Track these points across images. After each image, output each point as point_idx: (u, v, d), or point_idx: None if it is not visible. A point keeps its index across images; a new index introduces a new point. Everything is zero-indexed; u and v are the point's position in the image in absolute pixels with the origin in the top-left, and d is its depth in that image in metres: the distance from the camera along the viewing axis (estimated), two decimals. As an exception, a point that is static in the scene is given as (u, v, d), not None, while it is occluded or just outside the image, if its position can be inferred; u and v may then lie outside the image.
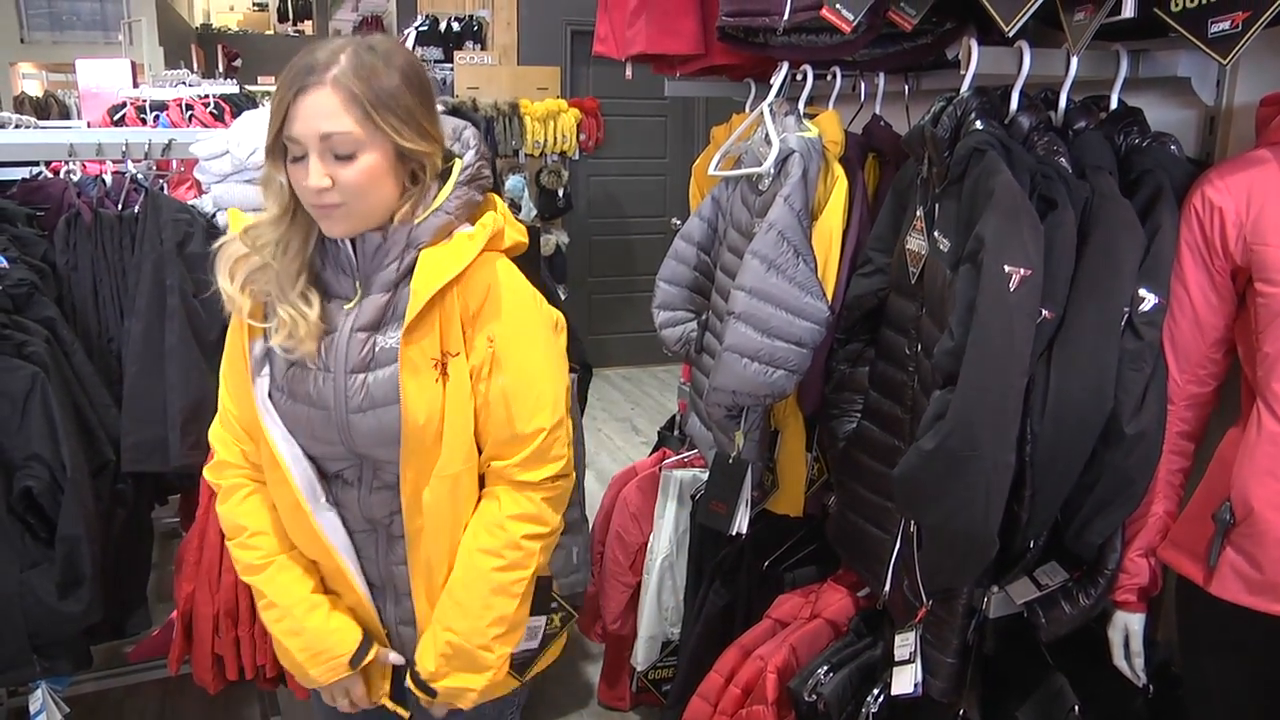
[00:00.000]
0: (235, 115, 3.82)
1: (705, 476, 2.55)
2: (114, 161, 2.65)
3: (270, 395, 1.42)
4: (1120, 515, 1.50)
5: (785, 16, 1.84)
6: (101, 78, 3.98)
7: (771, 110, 1.94)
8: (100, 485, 2.11)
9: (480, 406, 1.39)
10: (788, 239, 1.76)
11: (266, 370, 1.43)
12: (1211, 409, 1.54)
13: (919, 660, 1.58)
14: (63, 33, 10.72)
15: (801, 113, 1.94)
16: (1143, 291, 1.46)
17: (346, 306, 1.39)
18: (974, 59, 1.52)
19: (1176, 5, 1.39)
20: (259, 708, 2.90)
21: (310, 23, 18.13)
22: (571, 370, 1.56)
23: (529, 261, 1.52)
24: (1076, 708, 1.59)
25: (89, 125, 3.85)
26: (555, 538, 1.49)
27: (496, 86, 5.27)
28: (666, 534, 2.60)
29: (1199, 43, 1.38)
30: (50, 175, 2.56)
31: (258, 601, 1.51)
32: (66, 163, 2.76)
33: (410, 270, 1.35)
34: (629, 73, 2.64)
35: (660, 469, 2.65)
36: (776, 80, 1.99)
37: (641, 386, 6.52)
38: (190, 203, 2.31)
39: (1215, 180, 1.46)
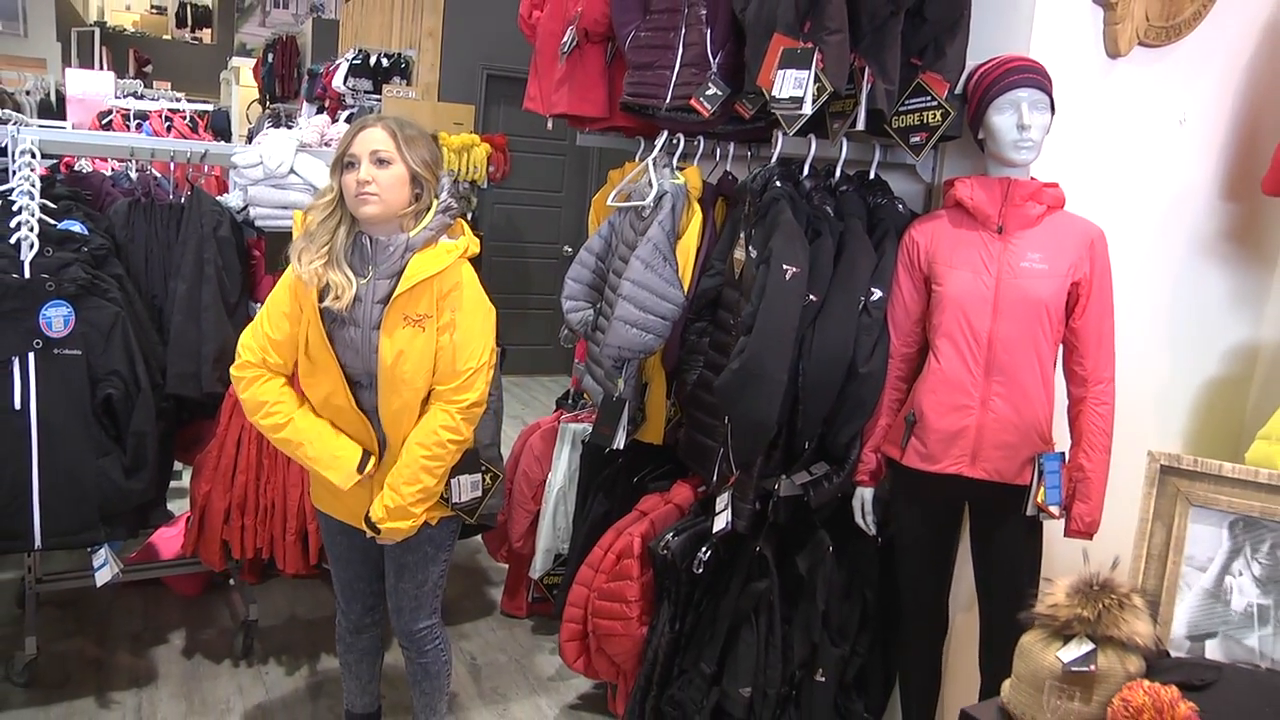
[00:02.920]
0: (208, 128, 4.55)
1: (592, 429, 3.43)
2: (119, 160, 3.44)
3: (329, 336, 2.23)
4: (858, 424, 2.45)
5: (667, 101, 2.77)
6: (87, 86, 4.64)
7: (654, 162, 2.85)
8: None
9: (439, 351, 2.22)
10: (660, 249, 2.66)
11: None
12: (917, 362, 2.49)
13: (729, 509, 2.49)
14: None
15: (674, 166, 2.86)
16: (874, 289, 2.42)
17: (361, 281, 2.19)
18: (779, 144, 2.48)
19: (893, 125, 2.37)
20: (228, 610, 3.63)
21: (210, 31, 18.31)
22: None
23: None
24: (830, 548, 2.53)
25: (74, 127, 4.50)
26: (467, 443, 2.30)
27: (419, 119, 6.01)
28: (562, 470, 3.45)
29: (904, 146, 2.37)
30: (92, 170, 3.31)
31: (286, 448, 2.29)
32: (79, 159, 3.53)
33: (405, 265, 2.18)
34: (549, 125, 3.52)
35: (559, 422, 3.51)
36: (659, 142, 2.91)
37: (530, 391, 7.36)
38: (218, 198, 3.07)
39: (916, 226, 2.44)
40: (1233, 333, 2.99)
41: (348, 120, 6.33)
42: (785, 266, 2.25)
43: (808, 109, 2.18)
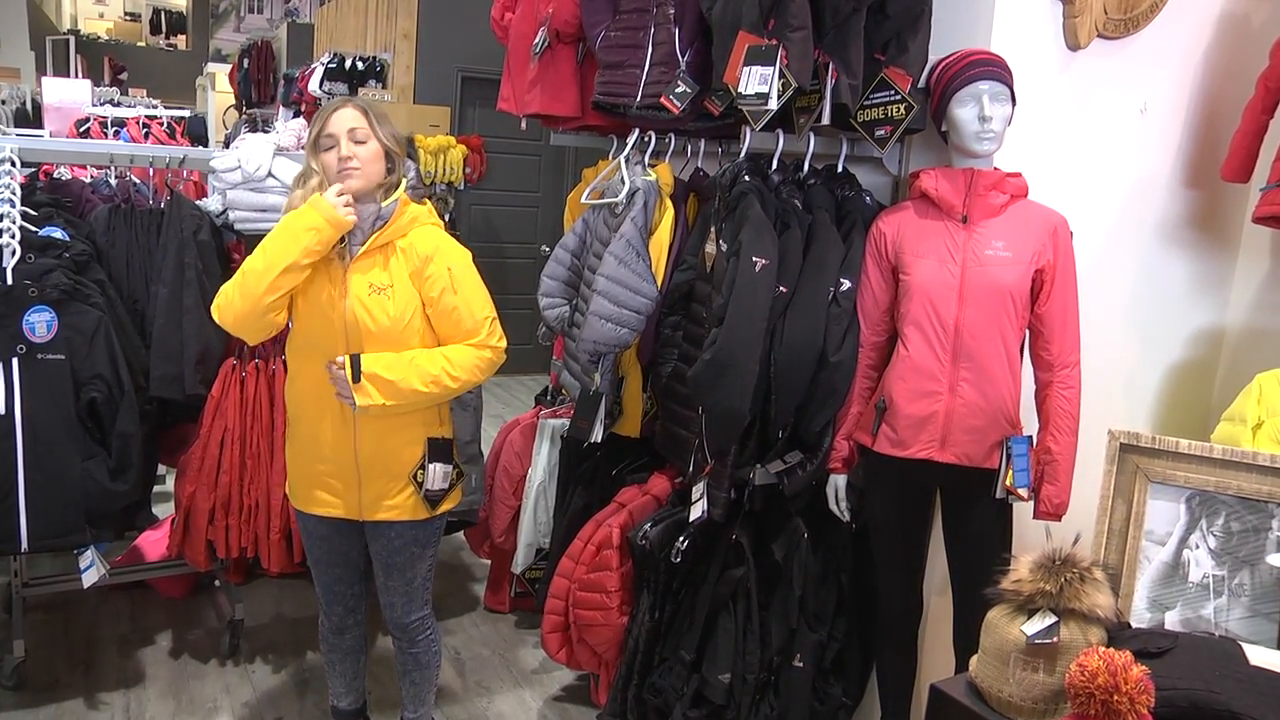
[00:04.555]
0: (185, 134, 4.57)
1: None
2: (97, 167, 3.47)
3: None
4: (830, 412, 2.50)
5: (637, 99, 2.82)
6: (64, 94, 4.65)
7: (626, 160, 2.90)
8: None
9: (451, 311, 2.31)
10: (632, 245, 2.71)
11: None
12: (887, 351, 2.54)
13: (705, 498, 2.54)
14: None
15: (646, 163, 2.91)
16: (843, 279, 2.47)
17: (340, 246, 2.30)
18: (748, 139, 2.53)
19: (858, 119, 2.42)
20: (213, 611, 3.66)
21: (184, 37, 18.25)
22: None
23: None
24: (805, 534, 2.58)
25: (51, 135, 4.51)
26: (470, 382, 2.33)
27: (394, 122, 6.08)
28: (542, 466, 3.49)
29: (870, 139, 2.42)
30: (71, 177, 3.33)
31: (259, 269, 2.22)
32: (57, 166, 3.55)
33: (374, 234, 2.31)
34: (523, 125, 3.56)
35: (538, 418, 3.55)
36: (631, 140, 2.96)
37: (511, 391, 7.39)
38: (197, 202, 3.10)
39: (883, 217, 2.49)
40: (1198, 317, 3.06)
41: (325, 124, 6.35)
42: (755, 259, 2.31)
43: (773, 105, 2.23)
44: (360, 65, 6.35)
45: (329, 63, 6.33)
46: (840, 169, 2.66)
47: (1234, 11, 2.86)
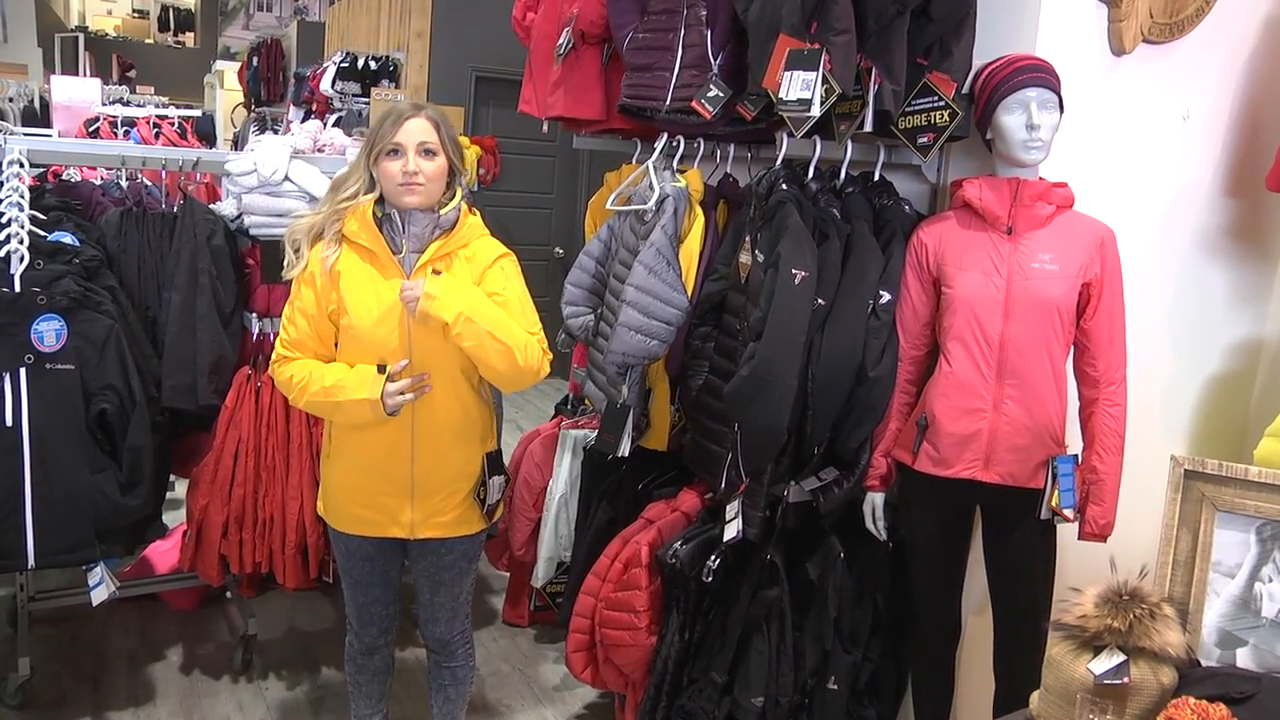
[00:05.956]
0: (196, 133, 4.49)
1: (594, 435, 3.40)
2: (108, 169, 3.38)
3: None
4: (868, 428, 2.41)
5: (667, 103, 2.73)
6: (73, 92, 4.57)
7: (654, 165, 2.81)
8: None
9: (503, 307, 2.26)
10: (662, 254, 2.62)
11: None
12: (926, 365, 2.45)
13: (740, 517, 2.45)
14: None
15: (675, 168, 2.82)
16: (882, 292, 2.38)
17: (398, 255, 2.23)
18: (784, 146, 2.44)
19: (900, 125, 2.33)
20: (225, 624, 3.58)
21: (192, 35, 18.16)
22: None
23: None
24: (842, 554, 2.49)
25: (60, 135, 4.43)
26: (522, 354, 2.21)
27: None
28: (563, 477, 3.41)
29: (912, 147, 2.34)
30: (81, 179, 3.25)
31: (315, 399, 2.22)
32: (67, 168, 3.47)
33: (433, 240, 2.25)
34: (545, 128, 3.48)
35: (560, 429, 3.47)
36: (659, 144, 2.86)
37: (525, 396, 7.29)
38: (211, 206, 3.01)
39: (924, 227, 2.41)
40: (1236, 329, 2.97)
41: (335, 124, 6.27)
42: (794, 271, 2.22)
43: (816, 111, 2.15)
44: (373, 65, 6.26)
45: (341, 61, 6.23)
46: (877, 177, 2.57)
47: (1279, 17, 2.78)
